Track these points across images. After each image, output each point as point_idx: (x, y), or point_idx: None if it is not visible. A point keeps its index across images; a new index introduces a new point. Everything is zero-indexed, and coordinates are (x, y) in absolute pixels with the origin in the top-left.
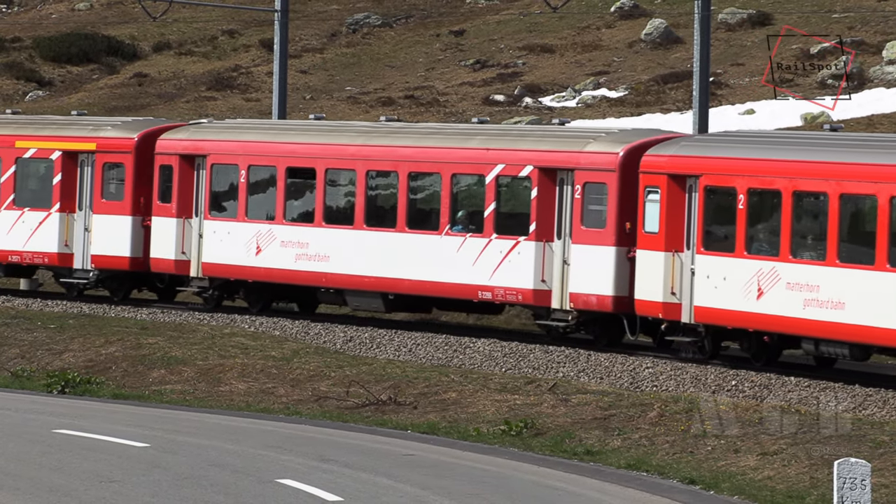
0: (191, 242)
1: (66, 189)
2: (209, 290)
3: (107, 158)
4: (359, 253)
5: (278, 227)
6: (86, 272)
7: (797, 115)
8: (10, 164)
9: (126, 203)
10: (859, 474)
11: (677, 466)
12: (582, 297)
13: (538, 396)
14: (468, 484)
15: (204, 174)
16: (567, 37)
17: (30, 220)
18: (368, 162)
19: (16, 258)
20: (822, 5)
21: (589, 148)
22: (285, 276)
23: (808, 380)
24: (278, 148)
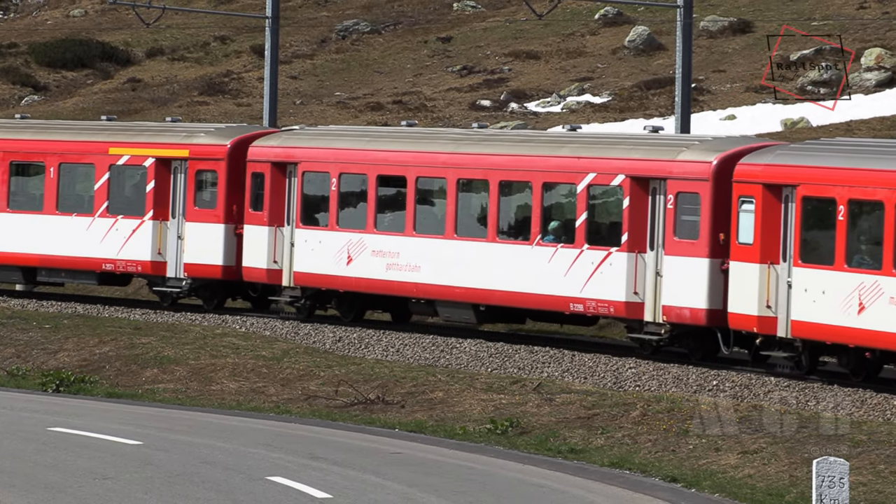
0: (282, 251)
1: (159, 196)
2: (301, 299)
3: (199, 165)
4: (449, 263)
5: (369, 237)
6: (178, 281)
7: (777, 121)
8: (104, 172)
9: (218, 211)
10: (838, 472)
11: (659, 465)
12: (675, 310)
13: (523, 396)
14: (455, 481)
15: (295, 182)
16: (552, 43)
17: (123, 228)
18: (459, 170)
19: (109, 266)
20: (802, 13)
21: (682, 156)
22: (376, 286)
23: (787, 380)
24: (369, 156)
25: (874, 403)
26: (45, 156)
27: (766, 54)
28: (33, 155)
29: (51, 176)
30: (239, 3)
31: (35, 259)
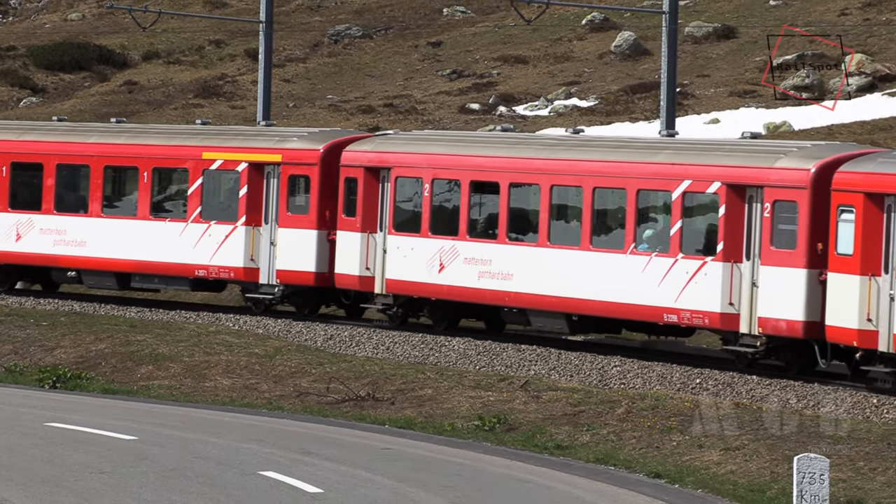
0: (375, 258)
1: (251, 202)
2: (393, 307)
3: (292, 170)
4: (542, 271)
5: (461, 244)
6: (271, 287)
7: (760, 125)
8: (198, 176)
9: (311, 216)
10: (818, 469)
11: (644, 461)
12: (771, 322)
13: (511, 393)
14: (443, 477)
15: (388, 187)
16: (540, 48)
17: (216, 234)
18: (552, 176)
19: (202, 272)
20: (785, 19)
21: (779, 164)
22: (468, 294)
23: (769, 379)
24: (462, 161)
25: (854, 402)
26: (139, 160)
27: (749, 59)
28: (127, 159)
29: (144, 181)
30: (233, 8)
31: (129, 265)
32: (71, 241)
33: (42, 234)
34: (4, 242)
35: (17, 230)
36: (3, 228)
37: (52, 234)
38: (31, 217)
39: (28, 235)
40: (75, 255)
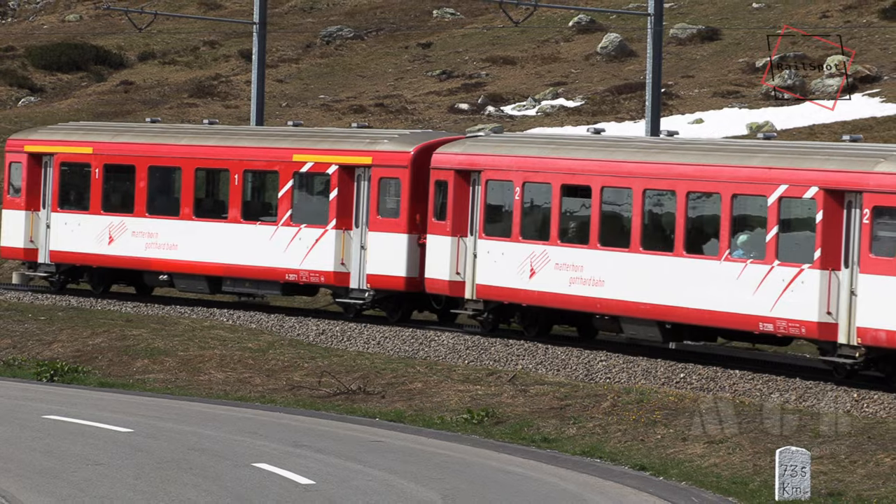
0: (465, 262)
1: (342, 205)
2: (483, 313)
3: (383, 173)
4: (634, 277)
5: (552, 249)
6: (361, 292)
7: (743, 125)
8: (288, 179)
9: (402, 220)
10: (800, 462)
11: (629, 453)
12: (870, 332)
13: (499, 387)
14: (433, 469)
15: (479, 190)
16: (528, 50)
17: (307, 238)
18: (645, 180)
19: (293, 276)
20: (767, 22)
21: (879, 168)
22: (559, 300)
23: (751, 373)
24: (553, 164)
25: (835, 396)
26: (230, 162)
27: (732, 60)
28: (218, 161)
29: (235, 183)
30: (227, 10)
31: (220, 269)
32: (163, 244)
33: (134, 237)
34: (97, 245)
35: (110, 233)
36: (96, 231)
37: (144, 238)
38: (124, 220)
39: (120, 238)
40: (167, 258)
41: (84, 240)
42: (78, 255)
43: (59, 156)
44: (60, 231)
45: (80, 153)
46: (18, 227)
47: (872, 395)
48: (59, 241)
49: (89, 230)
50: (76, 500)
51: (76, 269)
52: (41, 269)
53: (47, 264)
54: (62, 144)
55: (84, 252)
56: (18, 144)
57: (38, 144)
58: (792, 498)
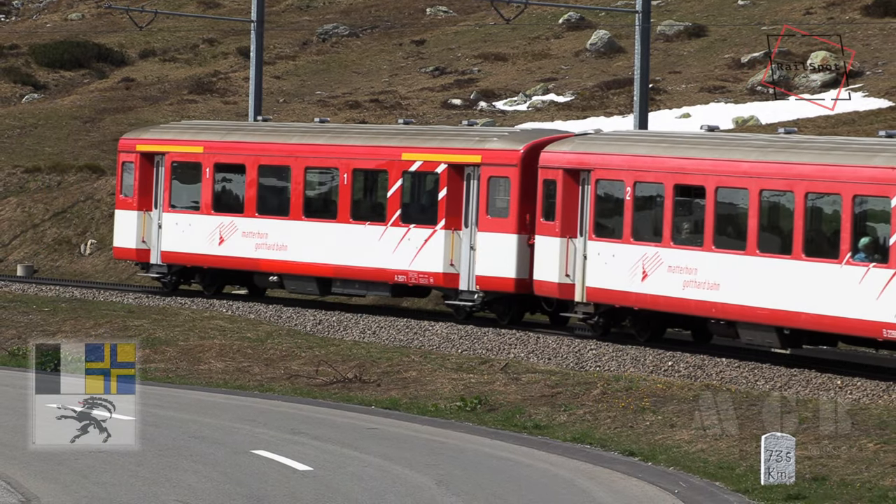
0: (574, 264)
1: (451, 204)
2: (594, 316)
3: (492, 172)
4: (751, 281)
5: (665, 251)
6: (471, 294)
7: (729, 119)
8: (397, 178)
9: (511, 220)
10: (784, 447)
11: (618, 440)
12: None
13: (491, 375)
14: (427, 455)
15: (588, 190)
16: (519, 46)
17: (415, 238)
18: (762, 180)
19: (402, 278)
20: (752, 18)
21: None
22: (672, 304)
23: (738, 361)
24: (665, 163)
25: (819, 383)
26: (340, 161)
27: (718, 56)
28: (328, 160)
29: (344, 182)
30: (226, 8)
31: (329, 270)
32: (272, 244)
33: (244, 237)
34: (208, 246)
35: (220, 233)
36: (207, 231)
37: (254, 238)
38: (234, 220)
39: (231, 239)
40: (277, 259)
41: (195, 240)
42: (189, 255)
43: (170, 155)
44: (172, 231)
45: (190, 152)
46: (131, 227)
47: (856, 382)
48: (171, 241)
49: (200, 230)
50: (80, 486)
51: (187, 270)
52: (153, 269)
53: (159, 265)
54: (173, 143)
55: (195, 253)
56: (130, 144)
57: (149, 144)
58: (777, 482)
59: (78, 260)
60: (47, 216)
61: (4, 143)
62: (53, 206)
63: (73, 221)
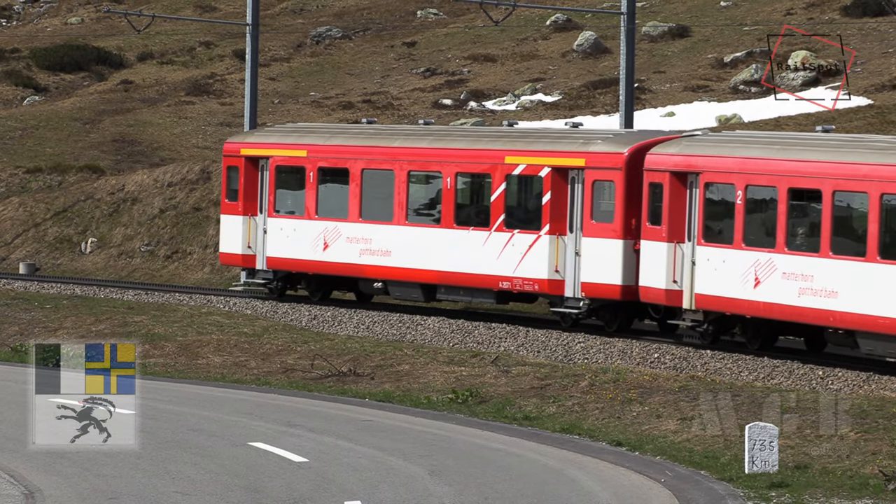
0: (682, 270)
1: (555, 209)
2: (703, 324)
3: (596, 175)
4: (871, 289)
5: (779, 257)
6: (577, 301)
7: (712, 118)
8: (501, 182)
9: (616, 225)
10: (768, 437)
11: (606, 430)
12: None
13: (482, 368)
14: (420, 446)
15: (696, 194)
16: (507, 47)
17: (519, 243)
18: (883, 184)
19: (506, 284)
20: (734, 19)
21: None
22: (787, 312)
23: (722, 353)
24: (779, 166)
25: (801, 374)
26: (443, 165)
27: (702, 56)
28: (431, 164)
29: (448, 187)
30: (222, 12)
31: (434, 276)
32: (376, 250)
33: (348, 243)
34: (313, 251)
35: (325, 238)
36: (311, 237)
37: (358, 244)
38: (338, 225)
39: (335, 244)
40: (381, 264)
41: (299, 246)
42: (294, 261)
43: (274, 159)
44: (276, 237)
45: (294, 156)
46: (236, 232)
47: (837, 373)
48: (276, 247)
49: (304, 236)
50: (81, 479)
51: (293, 276)
52: (259, 275)
53: (265, 271)
54: (277, 147)
55: (300, 258)
56: (235, 148)
57: (254, 147)
58: (761, 471)
59: (78, 258)
60: (48, 215)
61: (6, 145)
62: (54, 206)
63: (74, 220)
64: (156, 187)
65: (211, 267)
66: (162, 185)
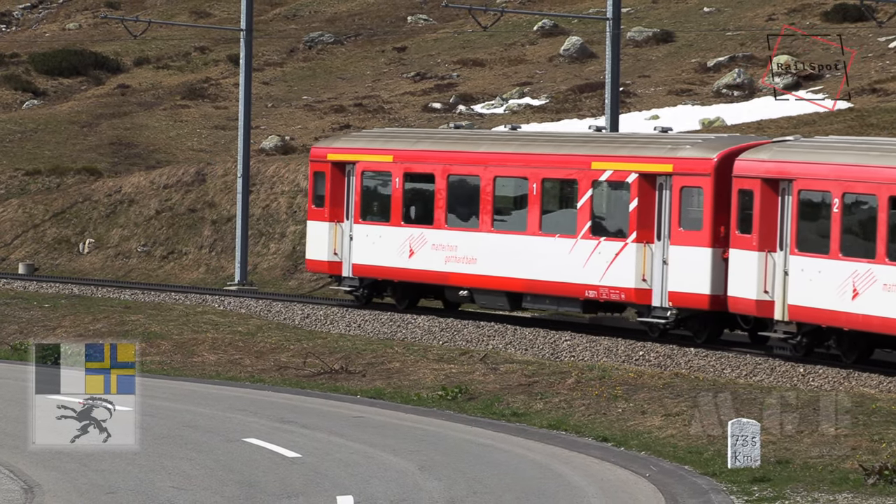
0: (774, 280)
1: (642, 216)
2: (797, 336)
3: (684, 182)
4: None
5: (879, 268)
6: (664, 311)
7: (696, 121)
8: (587, 188)
9: (705, 233)
10: (750, 432)
11: (592, 426)
12: None
13: (471, 366)
14: (410, 442)
15: (789, 201)
16: (496, 52)
17: (606, 251)
18: None
19: (592, 293)
20: (717, 25)
21: None
22: (888, 325)
23: (705, 350)
24: (878, 173)
25: (783, 371)
26: (528, 171)
27: (685, 61)
28: (517, 170)
29: (534, 193)
30: (216, 17)
31: (520, 284)
32: (462, 257)
33: (434, 250)
34: (398, 259)
35: (410, 245)
36: (397, 244)
37: (444, 251)
38: (423, 231)
39: (421, 251)
40: (466, 272)
41: (385, 253)
42: (380, 268)
43: (360, 164)
44: (362, 243)
45: (380, 161)
46: (322, 239)
47: (817, 370)
48: (362, 253)
49: (390, 242)
50: (79, 474)
51: (378, 284)
52: (345, 282)
53: (351, 278)
54: (364, 152)
55: (386, 266)
56: (322, 153)
57: (340, 153)
58: (743, 466)
59: (77, 258)
60: (47, 217)
61: (6, 147)
62: (53, 207)
63: (72, 221)
64: (152, 189)
65: (206, 267)
66: (158, 187)
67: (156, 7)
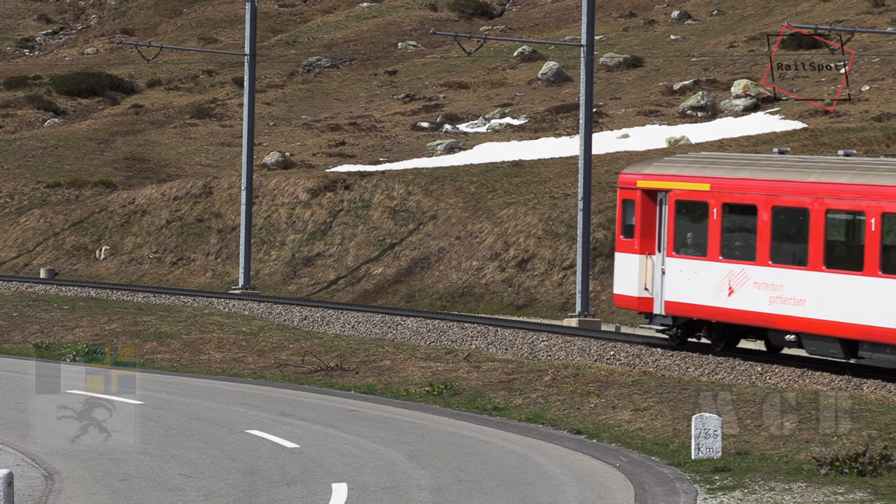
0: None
1: None
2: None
3: None
4: None
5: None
6: None
7: (663, 139)
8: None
9: None
10: (712, 426)
11: (567, 420)
12: None
13: (455, 364)
14: (399, 434)
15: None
16: (479, 76)
17: None
18: None
19: None
20: (683, 51)
21: None
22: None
23: (671, 351)
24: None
25: (742, 370)
26: (866, 204)
27: (654, 84)
28: (851, 202)
29: (872, 229)
30: (223, 43)
31: (855, 330)
32: (788, 298)
33: (756, 288)
34: (715, 297)
35: (729, 283)
36: (714, 280)
37: (768, 290)
38: (745, 268)
39: (741, 290)
40: (793, 315)
41: (700, 290)
42: (694, 306)
43: (673, 193)
44: (676, 279)
45: (696, 189)
46: (632, 272)
47: (774, 369)
48: (675, 290)
49: (706, 279)
50: (95, 462)
51: (693, 323)
52: (656, 320)
53: (662, 316)
54: (677, 179)
55: (701, 304)
56: (631, 180)
57: (651, 179)
58: (706, 457)
59: (93, 264)
60: (66, 226)
61: (29, 162)
62: (72, 217)
63: (89, 230)
64: (163, 201)
65: (212, 272)
66: (168, 199)
67: (167, 33)
